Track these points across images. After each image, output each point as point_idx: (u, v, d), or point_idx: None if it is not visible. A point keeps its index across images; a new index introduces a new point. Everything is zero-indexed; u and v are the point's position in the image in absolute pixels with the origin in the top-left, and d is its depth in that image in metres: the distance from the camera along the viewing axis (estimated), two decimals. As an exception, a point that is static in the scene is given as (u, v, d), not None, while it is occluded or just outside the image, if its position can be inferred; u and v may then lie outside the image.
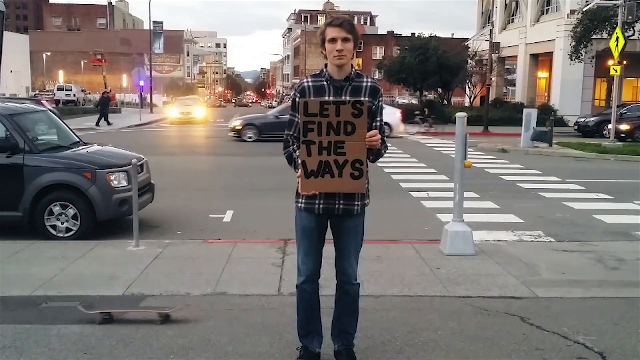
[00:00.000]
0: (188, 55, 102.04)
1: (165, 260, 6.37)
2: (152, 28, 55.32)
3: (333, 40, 3.53)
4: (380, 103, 3.66)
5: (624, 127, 24.16)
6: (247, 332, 4.46)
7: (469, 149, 6.86)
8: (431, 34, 43.71)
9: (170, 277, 5.76)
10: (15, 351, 4.11)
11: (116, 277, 5.77)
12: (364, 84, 3.63)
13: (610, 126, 23.27)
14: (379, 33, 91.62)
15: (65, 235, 7.44)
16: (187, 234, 8.00)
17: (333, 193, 3.56)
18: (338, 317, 3.88)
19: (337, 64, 3.56)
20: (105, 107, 33.16)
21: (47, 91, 63.49)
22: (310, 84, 3.64)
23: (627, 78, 35.00)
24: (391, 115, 26.38)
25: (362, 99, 3.52)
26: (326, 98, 3.55)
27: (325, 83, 3.61)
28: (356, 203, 3.63)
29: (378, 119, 3.64)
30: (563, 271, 6.15)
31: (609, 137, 22.65)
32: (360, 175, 3.46)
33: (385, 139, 3.65)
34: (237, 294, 5.35)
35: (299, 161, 3.50)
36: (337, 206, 3.60)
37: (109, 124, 31.98)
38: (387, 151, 3.73)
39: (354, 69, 3.64)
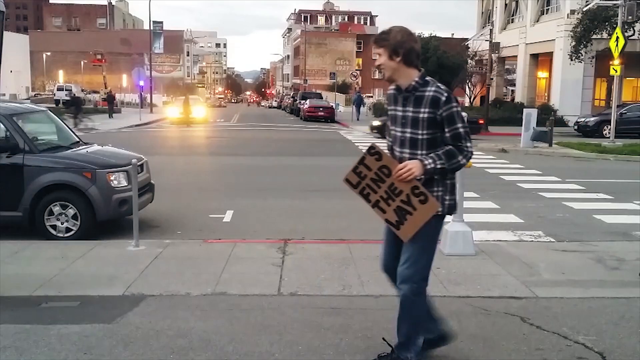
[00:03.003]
0: (188, 55, 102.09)
1: (165, 260, 6.37)
2: (152, 28, 55.27)
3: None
4: (448, 111, 3.44)
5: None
6: (247, 332, 4.46)
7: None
8: (431, 34, 43.78)
9: (170, 277, 5.76)
10: (15, 351, 4.11)
11: (116, 277, 5.77)
12: (427, 93, 3.47)
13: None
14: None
15: (65, 235, 7.44)
16: (187, 234, 8.00)
17: None
18: None
19: (384, 77, 3.65)
20: (110, 103, 39.62)
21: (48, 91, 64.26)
22: (390, 92, 3.72)
23: (627, 78, 35.03)
24: None
25: (372, 143, 3.54)
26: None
27: (395, 92, 3.65)
28: None
29: (447, 129, 3.45)
30: (563, 271, 6.15)
31: (609, 137, 22.65)
32: (426, 198, 3.45)
33: (465, 147, 3.48)
34: (237, 294, 5.35)
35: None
36: None
37: (110, 117, 37.33)
38: (469, 157, 3.52)
39: (417, 79, 3.51)
